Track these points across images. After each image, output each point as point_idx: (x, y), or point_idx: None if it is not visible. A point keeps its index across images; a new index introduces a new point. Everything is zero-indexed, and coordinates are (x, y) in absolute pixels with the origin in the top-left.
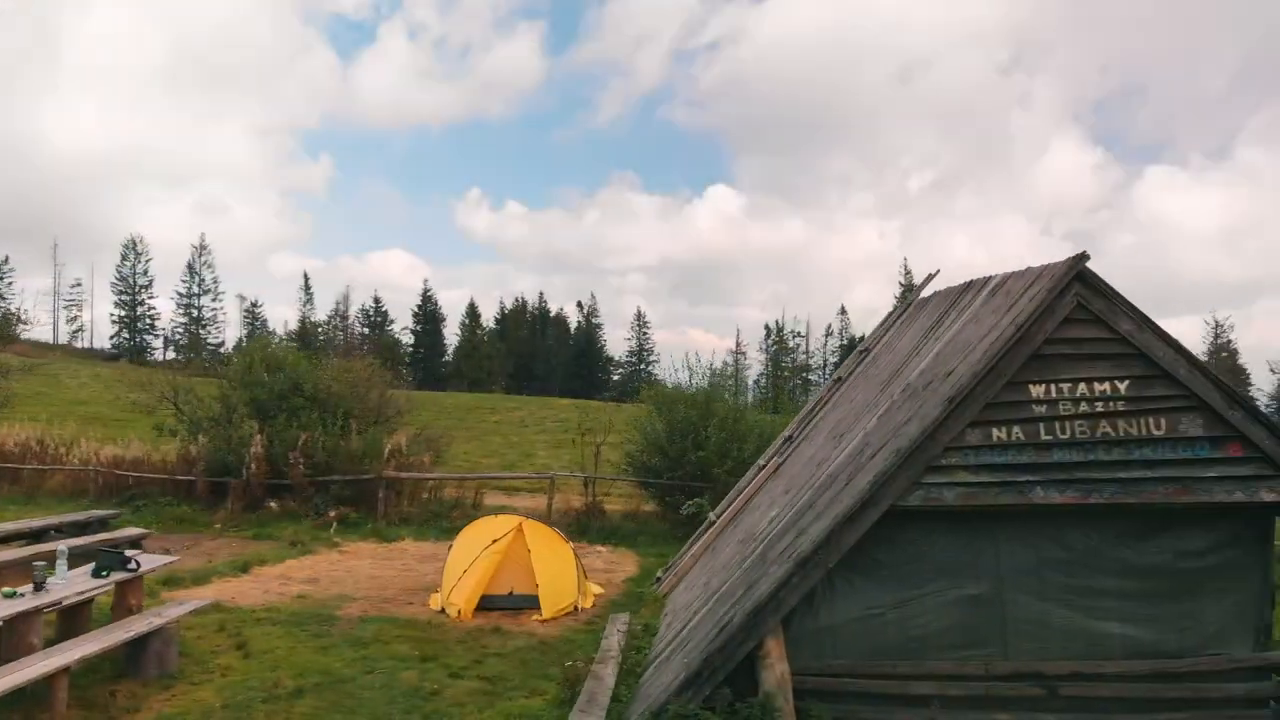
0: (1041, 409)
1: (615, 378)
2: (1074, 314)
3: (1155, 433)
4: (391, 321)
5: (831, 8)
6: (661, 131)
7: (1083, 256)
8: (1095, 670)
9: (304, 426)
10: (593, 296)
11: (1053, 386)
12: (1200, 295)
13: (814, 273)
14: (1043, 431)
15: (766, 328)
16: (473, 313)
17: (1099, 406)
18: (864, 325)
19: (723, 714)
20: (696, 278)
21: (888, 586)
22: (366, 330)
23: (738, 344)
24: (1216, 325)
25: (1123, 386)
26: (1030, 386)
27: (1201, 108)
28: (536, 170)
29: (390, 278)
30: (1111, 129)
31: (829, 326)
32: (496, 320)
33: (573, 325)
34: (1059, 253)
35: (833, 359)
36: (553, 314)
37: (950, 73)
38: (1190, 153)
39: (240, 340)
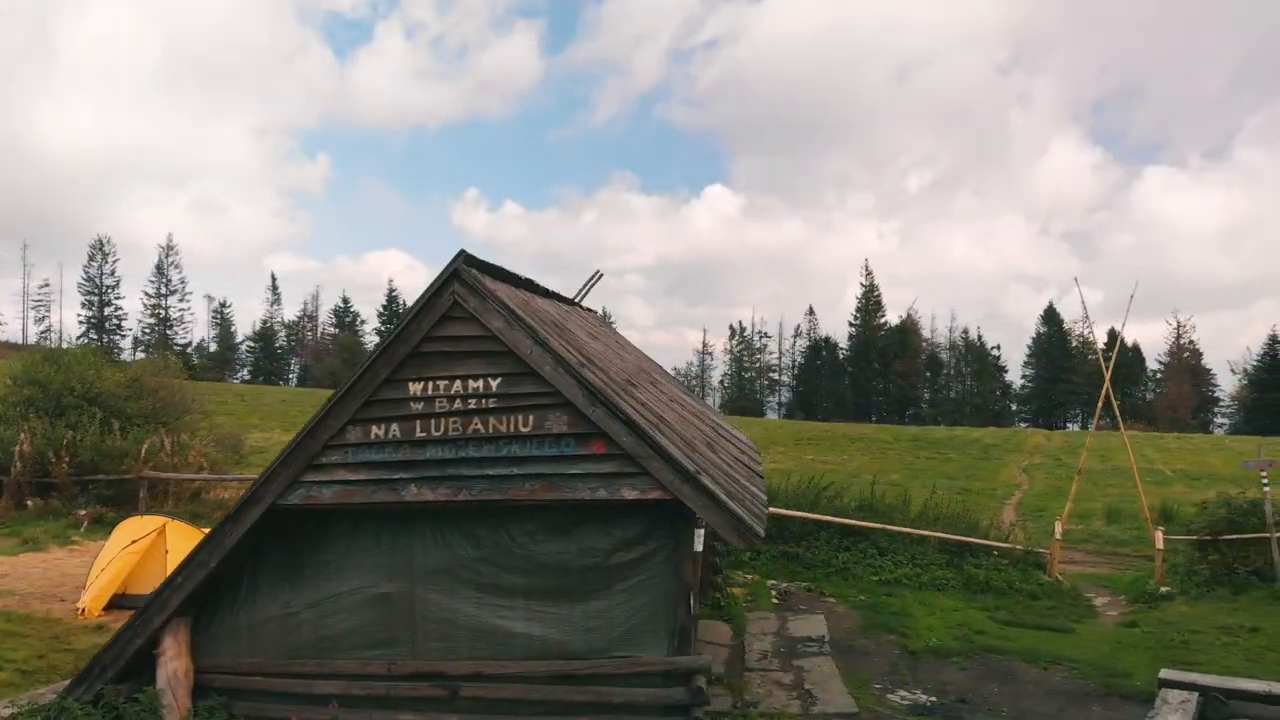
0: (419, 406)
1: None
2: (453, 312)
3: (523, 430)
4: (362, 322)
5: (830, 7)
6: (659, 131)
7: (460, 255)
8: (497, 671)
9: (71, 426)
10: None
11: (430, 384)
12: (1199, 296)
13: (812, 272)
14: (418, 429)
15: (731, 328)
16: None
17: (472, 404)
18: (835, 326)
19: (104, 710)
20: (694, 278)
21: (309, 586)
22: (336, 330)
23: (704, 344)
24: (1178, 326)
25: (494, 384)
26: (410, 384)
27: (1200, 108)
28: (534, 170)
29: (387, 279)
30: (1111, 129)
31: (797, 327)
32: None
33: None
34: (1057, 253)
35: (800, 359)
36: None
37: (949, 72)
38: (1189, 153)
39: (203, 341)
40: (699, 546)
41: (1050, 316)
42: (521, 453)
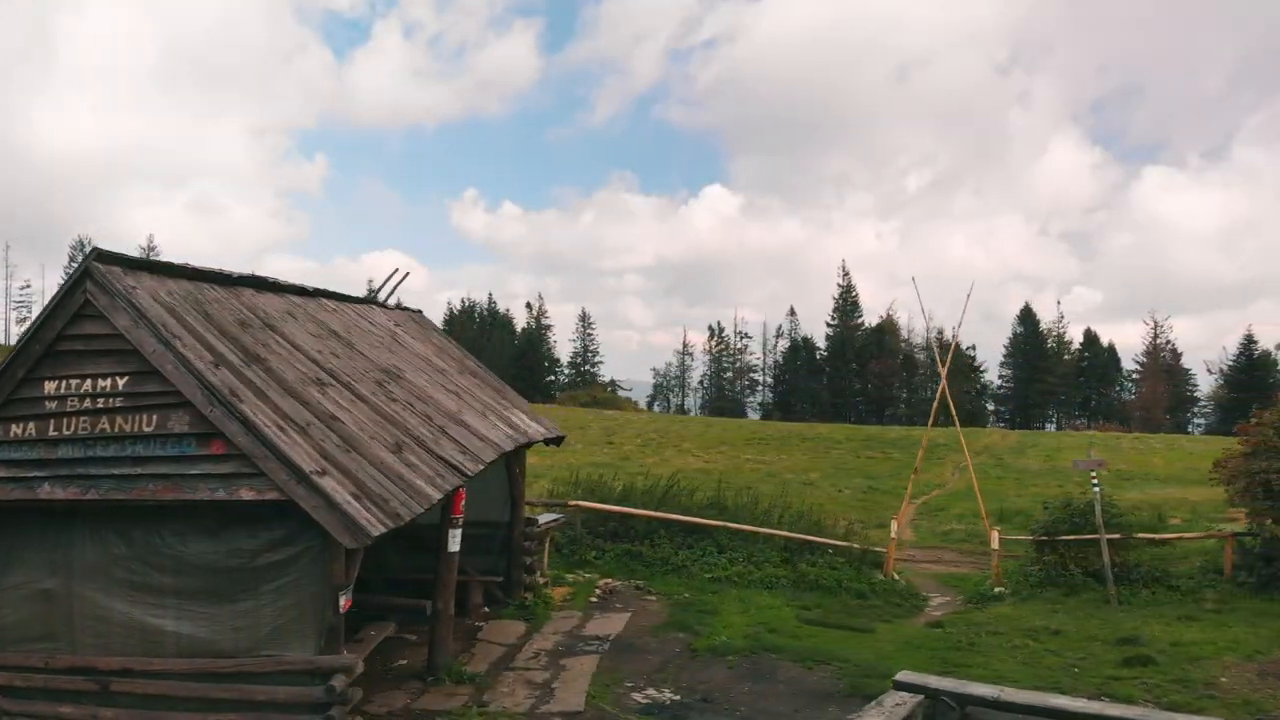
0: (53, 405)
1: (564, 378)
2: (85, 310)
3: (147, 429)
4: None
5: (829, 6)
6: (658, 131)
7: (93, 252)
8: (145, 667)
9: None
10: (540, 297)
11: (65, 383)
12: (1198, 296)
13: (811, 272)
14: (52, 428)
15: (710, 329)
16: None
17: (101, 403)
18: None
19: None
20: (693, 278)
21: None
22: None
23: (684, 345)
24: (1155, 326)
25: (122, 383)
26: (46, 383)
27: (1199, 108)
28: (533, 170)
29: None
30: (1110, 129)
31: (779, 327)
32: (445, 322)
33: (520, 326)
34: (1056, 253)
35: (780, 360)
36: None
37: (948, 72)
38: (1188, 153)
39: None
40: (454, 547)
41: (1027, 316)
42: (145, 452)
